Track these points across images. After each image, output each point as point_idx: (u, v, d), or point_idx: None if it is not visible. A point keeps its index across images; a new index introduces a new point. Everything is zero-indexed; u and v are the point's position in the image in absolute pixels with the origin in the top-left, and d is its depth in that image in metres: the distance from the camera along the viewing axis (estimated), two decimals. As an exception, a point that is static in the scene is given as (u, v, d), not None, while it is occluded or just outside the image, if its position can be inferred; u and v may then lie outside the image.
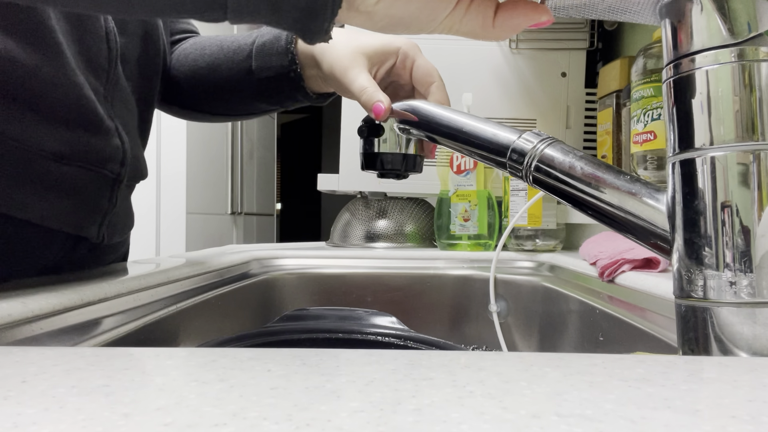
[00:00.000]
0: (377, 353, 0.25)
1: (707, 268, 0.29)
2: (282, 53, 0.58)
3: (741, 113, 0.29)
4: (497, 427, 0.17)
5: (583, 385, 0.21)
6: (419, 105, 0.48)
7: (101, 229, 0.53)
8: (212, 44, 0.64)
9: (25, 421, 0.17)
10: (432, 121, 0.46)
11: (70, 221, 0.49)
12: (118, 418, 0.17)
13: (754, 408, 0.19)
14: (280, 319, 0.74)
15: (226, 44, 0.62)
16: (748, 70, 0.29)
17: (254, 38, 0.61)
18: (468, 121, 0.43)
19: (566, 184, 0.36)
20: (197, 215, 2.10)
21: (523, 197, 0.89)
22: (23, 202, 0.45)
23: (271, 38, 0.59)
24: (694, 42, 0.30)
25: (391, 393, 0.20)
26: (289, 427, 0.17)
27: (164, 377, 0.22)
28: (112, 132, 0.51)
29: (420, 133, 0.47)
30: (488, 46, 1.07)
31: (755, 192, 0.28)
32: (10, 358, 0.25)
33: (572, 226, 1.05)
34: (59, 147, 0.46)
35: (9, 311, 0.36)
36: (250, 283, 0.77)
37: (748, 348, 0.28)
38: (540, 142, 0.38)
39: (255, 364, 0.24)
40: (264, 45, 0.59)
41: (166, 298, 0.55)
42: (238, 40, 0.62)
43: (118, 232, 0.57)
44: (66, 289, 0.42)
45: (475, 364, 0.24)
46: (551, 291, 0.77)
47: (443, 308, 0.86)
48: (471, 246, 0.94)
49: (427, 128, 0.46)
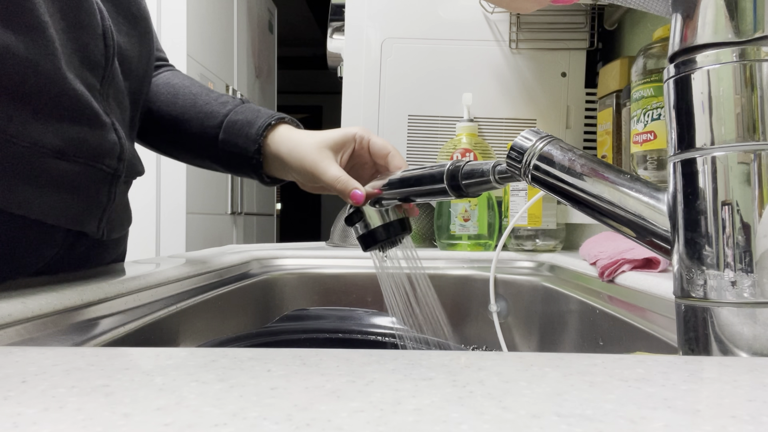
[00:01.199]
0: (377, 353, 0.25)
1: (708, 267, 0.29)
2: (251, 140, 0.61)
3: (742, 113, 0.29)
4: (497, 427, 0.17)
5: (583, 385, 0.21)
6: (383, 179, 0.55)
7: (101, 225, 0.53)
8: (186, 95, 0.65)
9: (25, 421, 0.17)
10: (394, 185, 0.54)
11: (69, 217, 0.49)
12: (118, 418, 0.17)
13: (754, 408, 0.19)
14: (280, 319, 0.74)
15: (200, 103, 0.65)
16: (749, 70, 0.29)
17: (228, 110, 0.63)
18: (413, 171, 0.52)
19: (565, 182, 0.36)
20: (197, 215, 2.10)
21: (523, 197, 0.89)
22: (22, 199, 0.45)
23: (244, 120, 0.62)
24: (699, 36, 0.30)
25: (391, 393, 0.20)
26: (289, 427, 0.17)
27: (164, 377, 0.22)
28: (108, 127, 0.51)
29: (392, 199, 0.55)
30: (488, 46, 1.07)
31: (756, 192, 0.28)
32: (10, 358, 0.25)
33: (572, 226, 1.05)
34: (57, 143, 0.46)
35: (9, 311, 0.36)
36: (250, 283, 0.77)
37: (748, 348, 0.28)
38: (539, 140, 0.38)
39: (255, 364, 0.24)
40: (236, 123, 0.62)
41: (166, 298, 0.55)
42: (211, 104, 0.64)
43: (117, 228, 0.58)
44: (66, 289, 0.42)
45: (475, 364, 0.24)
46: (551, 291, 0.77)
47: (443, 308, 0.86)
48: (471, 246, 0.94)
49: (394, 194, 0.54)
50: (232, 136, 0.62)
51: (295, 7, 4.46)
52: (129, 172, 0.56)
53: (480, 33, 1.07)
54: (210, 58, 2.15)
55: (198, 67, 2.03)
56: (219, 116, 0.63)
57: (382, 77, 1.08)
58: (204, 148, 0.64)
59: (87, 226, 0.52)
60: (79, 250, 0.54)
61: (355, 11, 1.09)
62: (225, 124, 0.63)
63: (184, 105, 0.65)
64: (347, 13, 1.10)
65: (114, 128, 0.52)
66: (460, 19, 1.07)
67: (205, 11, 2.11)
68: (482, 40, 1.07)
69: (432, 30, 1.07)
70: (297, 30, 4.93)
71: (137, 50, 0.58)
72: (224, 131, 0.62)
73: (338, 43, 1.20)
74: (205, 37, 2.10)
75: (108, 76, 0.52)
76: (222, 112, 0.64)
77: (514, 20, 1.06)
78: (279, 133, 0.61)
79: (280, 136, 0.61)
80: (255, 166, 0.62)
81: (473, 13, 1.07)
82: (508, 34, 1.06)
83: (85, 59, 0.49)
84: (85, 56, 0.49)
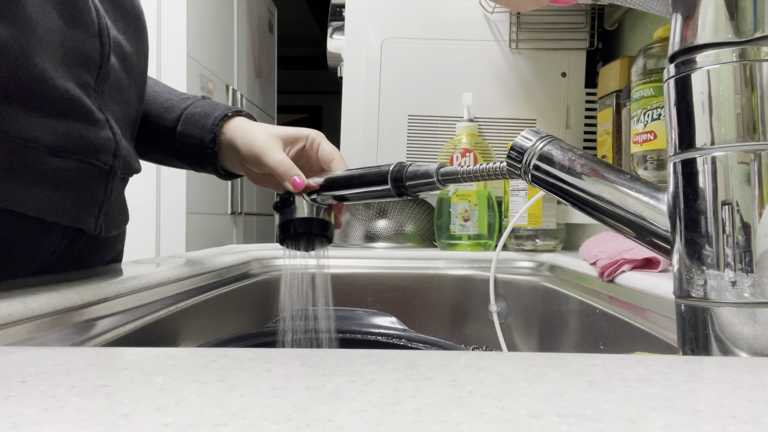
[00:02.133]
0: (377, 353, 0.25)
1: (708, 267, 0.29)
2: (207, 130, 0.63)
3: (742, 113, 0.29)
4: (497, 427, 0.17)
5: (583, 385, 0.21)
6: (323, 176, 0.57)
7: (98, 221, 0.54)
8: (148, 93, 0.67)
9: (25, 421, 0.17)
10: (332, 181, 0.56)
11: (67, 213, 0.49)
12: (118, 418, 0.17)
13: (754, 408, 0.19)
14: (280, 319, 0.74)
15: (161, 99, 0.67)
16: (749, 70, 0.29)
17: (188, 104, 0.66)
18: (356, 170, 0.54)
19: (566, 182, 0.36)
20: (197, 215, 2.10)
21: (523, 197, 0.89)
22: (20, 196, 0.45)
23: (202, 113, 0.64)
24: (699, 36, 0.30)
25: (391, 393, 0.20)
26: (289, 427, 0.17)
27: (164, 377, 0.22)
28: (102, 124, 0.51)
29: (327, 196, 0.56)
30: (488, 46, 1.07)
31: (756, 191, 0.28)
32: (10, 358, 0.25)
33: (572, 226, 1.05)
34: (51, 139, 0.46)
35: (9, 311, 0.36)
36: (250, 283, 0.77)
37: (748, 348, 0.28)
38: (539, 140, 0.38)
39: (255, 364, 0.24)
40: (194, 116, 0.65)
41: (166, 298, 0.55)
42: (172, 99, 0.67)
43: (114, 225, 0.58)
44: (66, 289, 0.42)
45: (475, 364, 0.24)
46: (551, 291, 0.77)
47: (443, 308, 0.86)
48: (471, 246, 0.94)
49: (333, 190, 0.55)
50: (189, 128, 0.64)
51: (295, 7, 4.46)
52: (125, 168, 0.56)
53: (480, 33, 1.07)
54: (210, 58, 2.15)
55: (198, 67, 2.02)
56: (178, 110, 0.65)
57: (382, 77, 1.08)
58: (162, 143, 0.66)
59: (84, 222, 0.52)
60: (77, 248, 0.55)
61: (355, 11, 1.09)
62: (183, 117, 0.65)
63: (146, 101, 0.66)
64: (347, 13, 1.10)
65: (109, 125, 0.52)
66: (460, 19, 1.07)
67: (205, 11, 2.11)
68: (482, 40, 1.07)
69: (432, 30, 1.07)
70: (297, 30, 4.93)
71: (135, 47, 0.59)
72: (182, 123, 0.64)
73: (338, 43, 1.20)
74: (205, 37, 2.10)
75: (104, 73, 0.52)
76: (182, 107, 0.66)
77: (514, 20, 1.06)
78: (235, 124, 0.63)
79: (235, 126, 0.63)
80: (210, 157, 0.63)
81: (473, 13, 1.07)
82: (508, 34, 1.06)
83: (81, 57, 0.49)
84: (80, 54, 0.49)
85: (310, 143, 0.63)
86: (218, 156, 0.64)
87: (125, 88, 0.56)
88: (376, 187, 0.51)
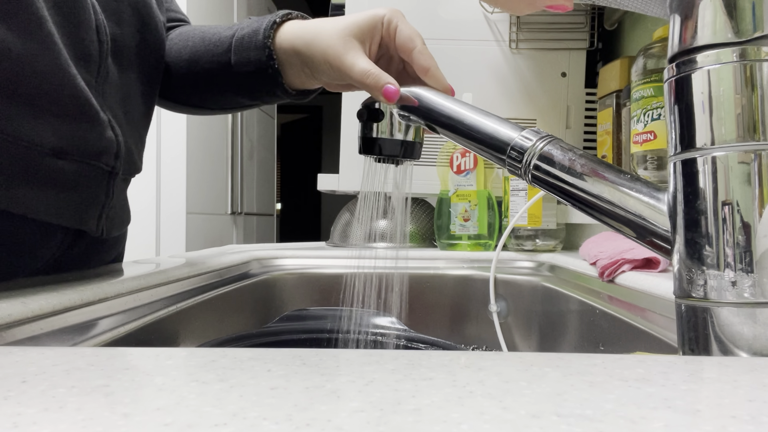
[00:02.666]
0: (377, 353, 0.25)
1: (708, 267, 0.29)
2: (260, 48, 0.55)
3: (742, 113, 0.29)
4: (497, 427, 0.17)
5: (583, 385, 0.21)
6: (422, 92, 0.47)
7: (100, 222, 0.53)
8: (195, 35, 0.62)
9: (25, 421, 0.17)
10: (433, 110, 0.45)
11: (68, 215, 0.49)
12: (118, 418, 0.17)
13: (754, 408, 0.19)
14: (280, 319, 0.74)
15: (208, 36, 0.60)
16: (749, 70, 0.29)
17: (234, 31, 0.59)
18: (469, 114, 0.43)
19: (566, 182, 0.36)
20: (197, 215, 2.10)
21: (523, 197, 0.89)
22: (21, 198, 0.45)
23: (249, 32, 0.57)
24: (698, 37, 0.30)
25: (391, 393, 0.20)
26: (289, 427, 0.17)
27: (164, 377, 0.22)
28: (105, 124, 0.51)
29: (419, 120, 0.47)
30: (488, 46, 1.07)
31: (756, 191, 0.28)
32: (10, 358, 0.25)
33: (572, 226, 1.05)
34: (55, 141, 0.46)
35: (9, 311, 0.36)
36: (250, 283, 0.77)
37: (748, 348, 0.28)
38: (539, 140, 0.38)
39: (255, 364, 0.24)
40: (243, 39, 0.57)
41: (166, 298, 0.55)
42: (219, 32, 0.60)
43: (116, 226, 0.57)
44: (66, 289, 0.42)
45: (475, 364, 0.24)
46: (551, 291, 0.77)
47: (443, 308, 0.86)
48: (471, 246, 0.94)
49: (427, 117, 0.46)
50: (243, 54, 0.56)
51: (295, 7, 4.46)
52: (127, 169, 0.56)
53: (480, 33, 1.07)
54: (210, 58, 2.15)
55: (198, 67, 2.02)
56: (227, 39, 0.58)
57: (382, 77, 1.08)
58: (220, 80, 0.59)
59: (86, 224, 0.52)
60: (78, 249, 0.54)
61: (355, 11, 1.09)
62: (234, 45, 0.57)
63: (194, 44, 0.60)
64: (347, 12, 1.10)
65: (111, 125, 0.52)
66: (460, 19, 1.07)
67: (205, 11, 2.11)
68: (482, 40, 1.07)
69: (432, 30, 1.07)
70: (297, 30, 4.93)
71: (142, 39, 0.57)
72: (234, 52, 0.57)
73: (338, 43, 1.20)
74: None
75: (102, 71, 0.51)
76: (228, 35, 0.58)
77: (514, 20, 1.06)
78: (289, 29, 0.55)
79: (291, 31, 0.55)
80: (273, 78, 0.56)
81: (473, 13, 1.07)
82: (508, 34, 1.06)
83: (81, 54, 0.48)
84: (80, 51, 0.48)
85: (387, 28, 0.52)
86: (282, 74, 0.56)
87: (125, 85, 0.55)
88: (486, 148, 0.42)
